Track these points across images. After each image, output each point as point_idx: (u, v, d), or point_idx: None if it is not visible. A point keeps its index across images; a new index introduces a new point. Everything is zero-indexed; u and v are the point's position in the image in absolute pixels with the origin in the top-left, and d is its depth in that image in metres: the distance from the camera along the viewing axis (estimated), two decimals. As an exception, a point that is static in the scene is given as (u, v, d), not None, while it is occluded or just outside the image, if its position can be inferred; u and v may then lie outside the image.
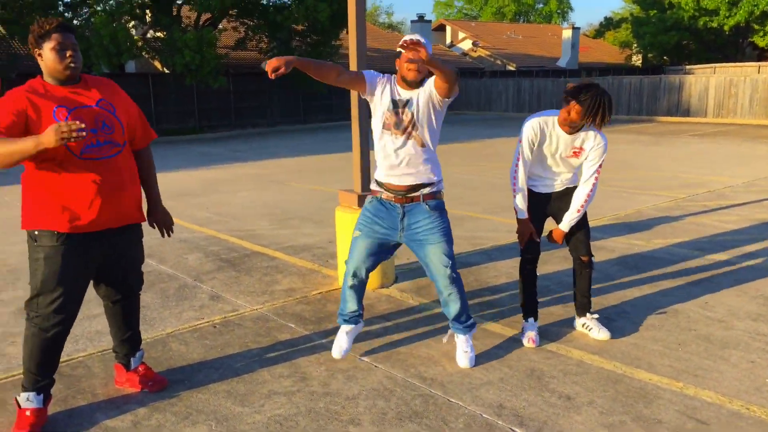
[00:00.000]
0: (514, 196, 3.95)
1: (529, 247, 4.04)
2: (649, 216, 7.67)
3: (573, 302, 4.32)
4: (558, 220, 4.08)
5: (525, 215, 3.96)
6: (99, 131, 2.99)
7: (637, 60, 40.97)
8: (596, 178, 3.89)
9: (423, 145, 3.50)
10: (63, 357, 3.76)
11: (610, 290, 4.99)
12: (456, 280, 3.62)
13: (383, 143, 3.54)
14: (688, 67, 33.49)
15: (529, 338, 4.04)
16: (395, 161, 3.52)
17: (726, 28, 32.07)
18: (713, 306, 4.65)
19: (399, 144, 3.50)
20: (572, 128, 3.77)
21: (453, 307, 3.68)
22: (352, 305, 3.76)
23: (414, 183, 3.53)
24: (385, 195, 3.59)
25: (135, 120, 3.24)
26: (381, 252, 3.68)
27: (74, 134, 2.49)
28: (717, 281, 5.20)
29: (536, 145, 3.86)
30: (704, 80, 23.94)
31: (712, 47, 36.24)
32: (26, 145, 2.60)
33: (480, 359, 3.83)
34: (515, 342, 4.07)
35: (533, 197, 4.03)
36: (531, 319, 4.15)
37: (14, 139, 2.64)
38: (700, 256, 5.88)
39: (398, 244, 3.72)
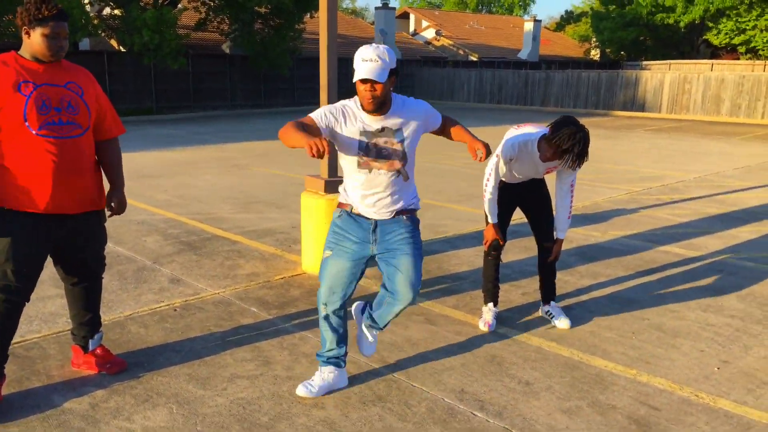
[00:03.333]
0: (485, 203, 4.02)
1: (493, 244, 4.18)
2: (605, 208, 7.84)
3: (532, 291, 4.41)
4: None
5: (495, 220, 4.05)
6: (63, 110, 2.97)
7: (595, 54, 41.62)
8: (573, 188, 4.11)
9: (407, 179, 3.09)
10: (16, 338, 3.67)
11: (568, 279, 5.10)
12: (412, 302, 3.16)
13: (359, 179, 3.06)
14: (644, 63, 34.19)
15: (485, 322, 4.13)
16: (374, 193, 3.07)
17: (682, 25, 32.81)
18: (665, 296, 4.79)
19: (382, 179, 3.03)
20: (549, 160, 3.89)
21: (387, 317, 3.24)
22: (330, 342, 3.28)
23: (391, 214, 3.12)
24: (356, 210, 3.14)
25: (104, 109, 3.23)
26: (355, 271, 3.17)
27: None
28: (669, 272, 5.36)
29: (512, 161, 3.96)
30: (659, 76, 24.47)
31: (668, 44, 37.05)
32: None
33: (442, 345, 3.88)
34: (477, 329, 4.13)
35: (501, 186, 4.12)
36: (490, 304, 4.24)
37: None
38: (653, 248, 6.05)
39: (371, 258, 3.20)
